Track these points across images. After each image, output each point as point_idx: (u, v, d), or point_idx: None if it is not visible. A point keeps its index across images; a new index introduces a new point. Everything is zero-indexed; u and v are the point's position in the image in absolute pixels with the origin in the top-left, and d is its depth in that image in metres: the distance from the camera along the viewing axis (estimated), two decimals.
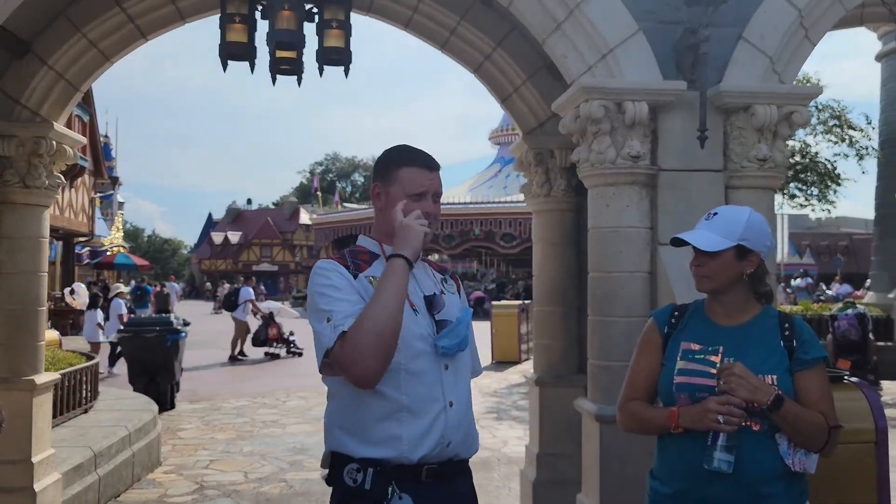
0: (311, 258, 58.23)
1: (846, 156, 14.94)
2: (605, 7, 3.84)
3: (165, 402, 10.49)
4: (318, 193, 49.81)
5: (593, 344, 3.90)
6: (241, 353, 16.76)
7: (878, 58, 16.68)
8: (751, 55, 3.89)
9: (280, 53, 4.37)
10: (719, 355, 2.30)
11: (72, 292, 12.32)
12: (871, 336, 11.13)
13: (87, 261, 30.62)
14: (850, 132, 14.62)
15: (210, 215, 70.28)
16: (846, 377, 3.20)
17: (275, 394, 12.11)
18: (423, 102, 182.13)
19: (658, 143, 3.87)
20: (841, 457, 2.85)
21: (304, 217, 57.30)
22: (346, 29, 4.43)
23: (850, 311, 11.02)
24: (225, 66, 4.46)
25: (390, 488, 2.07)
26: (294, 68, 4.55)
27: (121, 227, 38.36)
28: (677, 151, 3.85)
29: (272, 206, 72.93)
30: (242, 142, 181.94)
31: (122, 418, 7.35)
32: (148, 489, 6.72)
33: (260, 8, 4.51)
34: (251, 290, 17.66)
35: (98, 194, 28.35)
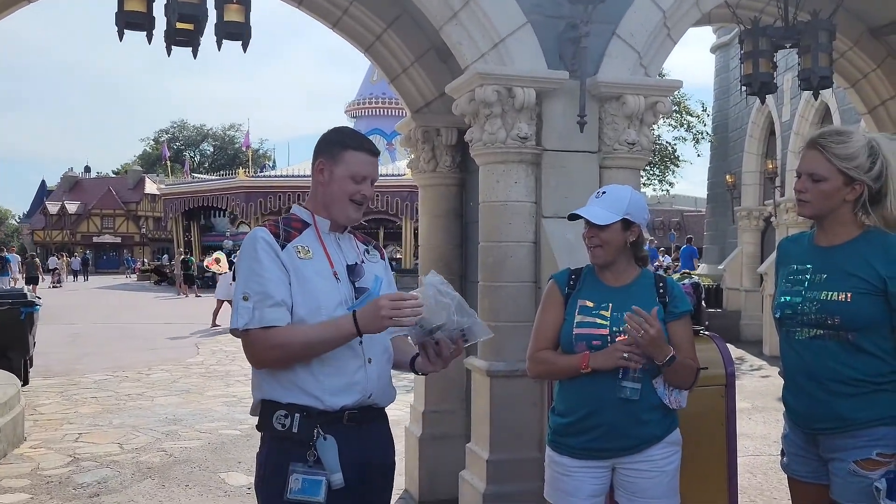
0: (159, 230, 55.88)
1: (684, 139, 16.30)
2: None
3: (19, 378, 10.04)
4: (168, 163, 47.76)
5: (483, 307, 4.29)
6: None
7: (713, 49, 18.16)
8: (622, 50, 4.37)
9: (180, 25, 4.41)
10: (609, 310, 2.77)
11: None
12: (703, 303, 12.29)
13: None
14: (688, 118, 15.94)
15: (43, 183, 65.79)
16: (702, 331, 3.77)
17: (135, 367, 11.86)
18: (274, 70, 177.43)
19: (542, 125, 4.29)
20: (700, 397, 3.40)
21: (150, 187, 54.80)
22: (246, 4, 4.51)
23: (686, 281, 12.12)
24: (122, 35, 4.45)
25: (315, 431, 2.31)
26: (191, 40, 4.59)
27: None
28: (559, 134, 4.28)
29: (113, 175, 69.11)
30: (79, 106, 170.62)
31: None
32: (18, 464, 6.54)
33: None
34: None
35: None
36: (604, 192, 2.87)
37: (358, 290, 2.44)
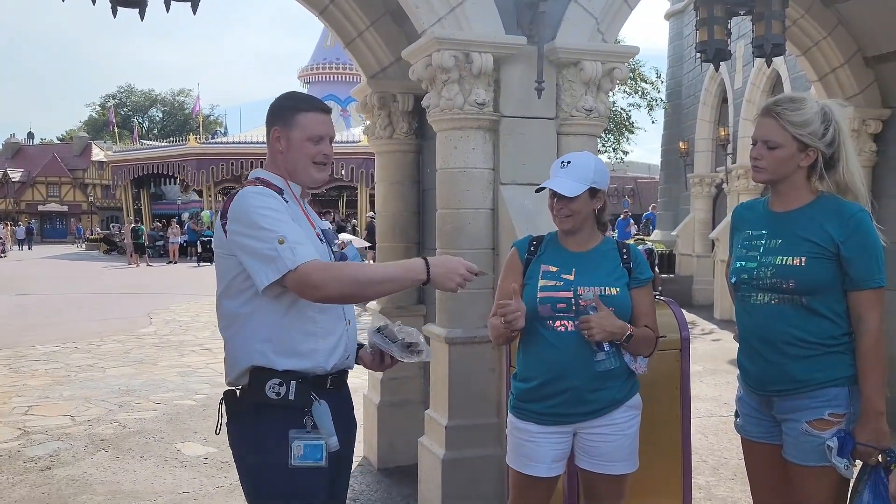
0: (107, 198, 54.66)
1: (639, 106, 16.37)
2: None
3: None
4: (115, 129, 46.51)
5: None
6: None
7: (667, 16, 18.23)
8: (580, 15, 4.34)
9: None
10: (573, 274, 2.79)
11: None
12: (657, 269, 12.49)
13: None
14: (643, 85, 16.02)
15: None
16: (658, 296, 3.82)
17: (86, 338, 11.61)
18: (225, 34, 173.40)
19: (500, 91, 4.25)
20: (657, 361, 3.46)
21: (98, 153, 53.39)
22: None
23: (640, 247, 12.29)
24: None
25: (311, 396, 2.33)
26: (138, 1, 4.44)
27: None
28: (517, 100, 4.25)
29: (58, 141, 67.17)
30: (19, 69, 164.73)
31: None
32: None
33: None
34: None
35: None
36: (568, 162, 2.86)
37: (333, 254, 2.48)
